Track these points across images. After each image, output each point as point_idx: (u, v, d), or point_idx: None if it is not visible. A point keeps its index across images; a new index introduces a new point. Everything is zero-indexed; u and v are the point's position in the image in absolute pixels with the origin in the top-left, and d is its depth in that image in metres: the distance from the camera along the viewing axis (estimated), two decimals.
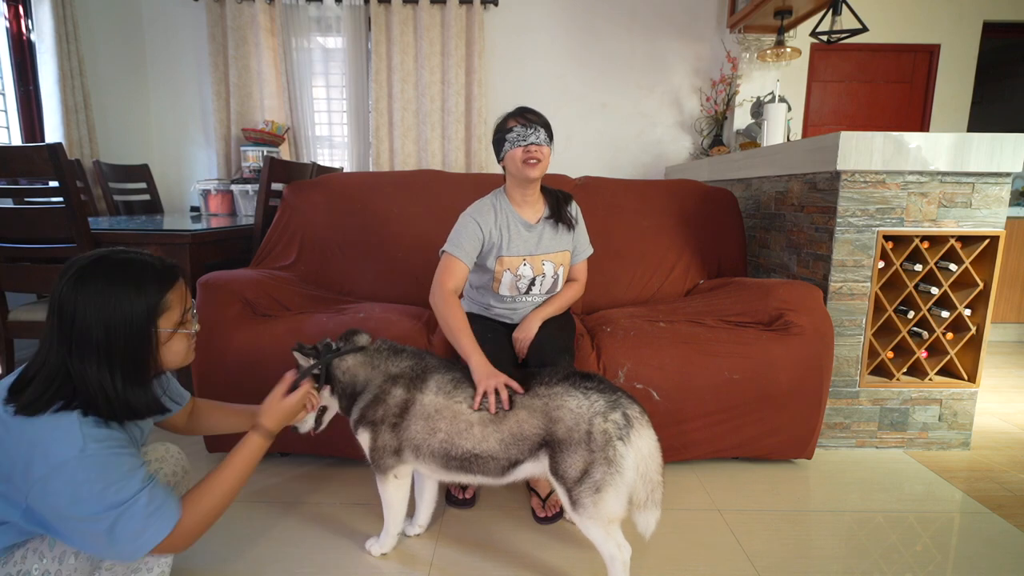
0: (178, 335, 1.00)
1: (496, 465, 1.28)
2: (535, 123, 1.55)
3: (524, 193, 1.64)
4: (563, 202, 1.72)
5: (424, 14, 3.72)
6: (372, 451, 1.35)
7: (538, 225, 1.67)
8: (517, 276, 1.67)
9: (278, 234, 2.38)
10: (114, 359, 0.92)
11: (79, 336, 0.90)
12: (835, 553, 1.47)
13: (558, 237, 1.70)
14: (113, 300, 0.91)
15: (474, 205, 1.66)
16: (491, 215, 1.63)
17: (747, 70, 3.81)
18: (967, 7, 3.93)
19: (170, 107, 3.96)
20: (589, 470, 1.19)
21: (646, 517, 1.22)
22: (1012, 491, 1.79)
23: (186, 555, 1.40)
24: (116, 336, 0.92)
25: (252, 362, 1.72)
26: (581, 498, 1.20)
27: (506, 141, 1.56)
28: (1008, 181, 1.93)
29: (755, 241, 2.59)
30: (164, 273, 0.98)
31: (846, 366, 2.02)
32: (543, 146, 1.55)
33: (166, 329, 0.98)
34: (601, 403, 1.22)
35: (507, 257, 1.64)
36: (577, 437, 1.20)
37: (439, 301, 1.53)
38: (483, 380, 1.31)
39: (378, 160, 3.88)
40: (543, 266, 1.68)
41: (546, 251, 1.68)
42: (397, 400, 1.32)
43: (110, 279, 0.92)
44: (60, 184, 1.87)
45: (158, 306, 0.96)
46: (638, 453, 1.20)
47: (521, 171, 1.55)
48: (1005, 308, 3.60)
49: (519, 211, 1.66)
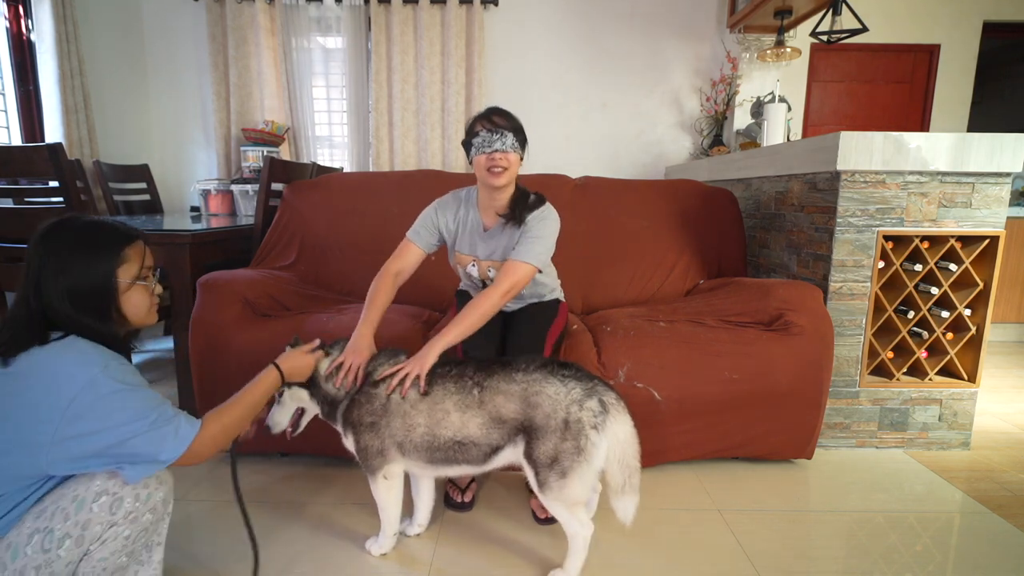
0: (137, 287, 1.10)
1: (478, 452, 1.30)
2: (502, 128, 1.46)
3: (491, 197, 1.57)
4: (524, 203, 1.57)
5: (424, 14, 3.72)
6: (358, 452, 1.37)
7: (491, 231, 1.62)
8: (467, 273, 1.70)
9: (278, 234, 2.38)
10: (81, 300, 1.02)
11: (52, 283, 1.01)
12: (835, 553, 1.47)
13: (505, 245, 1.60)
14: (79, 250, 1.04)
15: (447, 195, 1.68)
16: (454, 207, 1.66)
17: (747, 70, 3.81)
18: (967, 7, 3.93)
19: (170, 107, 3.96)
20: (559, 457, 1.23)
21: (624, 503, 1.26)
22: (1012, 491, 1.79)
23: (186, 555, 1.40)
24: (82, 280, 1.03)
25: (252, 362, 1.70)
26: (548, 481, 1.25)
27: (472, 146, 1.49)
28: (1008, 181, 1.93)
29: (755, 241, 2.59)
30: (125, 232, 1.10)
31: (846, 366, 2.02)
32: (509, 153, 1.46)
33: (125, 280, 1.07)
34: (578, 391, 1.26)
35: (459, 253, 1.68)
36: (554, 425, 1.23)
37: (376, 280, 1.58)
38: (348, 353, 1.40)
39: (378, 160, 3.88)
40: (488, 272, 1.66)
41: (491, 258, 1.64)
42: (372, 398, 1.34)
43: (76, 232, 1.05)
44: (60, 184, 1.87)
45: (117, 256, 1.06)
46: (614, 439, 1.24)
47: (485, 179, 1.50)
48: (1005, 308, 3.60)
49: (481, 213, 1.64)
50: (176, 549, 1.41)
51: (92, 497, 0.97)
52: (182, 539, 1.47)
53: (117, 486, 1.00)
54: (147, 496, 1.02)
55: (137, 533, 1.02)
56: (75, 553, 0.97)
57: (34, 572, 0.94)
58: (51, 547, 0.95)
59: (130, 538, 1.02)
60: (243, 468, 1.81)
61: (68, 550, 0.96)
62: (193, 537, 1.49)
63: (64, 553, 0.96)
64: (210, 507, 1.63)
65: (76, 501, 0.97)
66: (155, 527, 1.08)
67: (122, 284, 1.07)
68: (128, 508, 1.00)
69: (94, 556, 0.99)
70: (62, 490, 0.99)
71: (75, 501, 0.97)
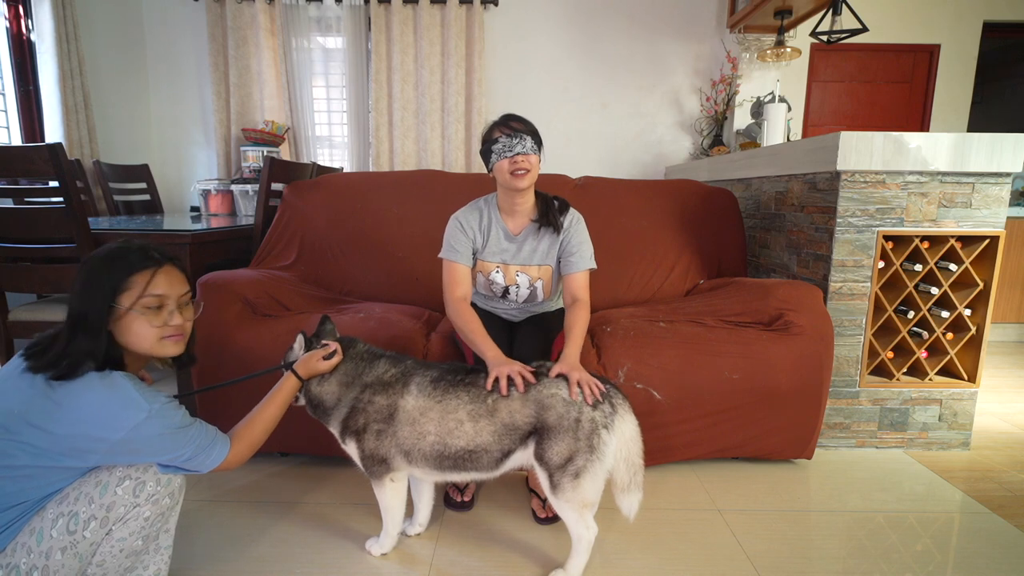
0: (134, 316, 1.06)
1: (489, 458, 1.29)
2: (520, 131, 1.50)
3: (513, 202, 1.60)
4: (553, 207, 1.63)
5: (424, 14, 3.72)
6: (362, 460, 1.35)
7: (520, 236, 1.64)
8: (490, 280, 1.68)
9: (278, 234, 2.38)
10: (76, 321, 1.03)
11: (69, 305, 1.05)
12: (835, 553, 1.47)
13: (540, 250, 1.63)
14: (92, 276, 1.05)
15: (465, 207, 1.68)
16: (476, 217, 1.65)
17: (747, 70, 3.81)
18: (967, 7, 3.93)
19: (170, 107, 3.97)
20: (573, 457, 1.23)
21: (629, 499, 1.29)
22: (1012, 491, 1.79)
23: (185, 555, 1.40)
24: (84, 304, 1.03)
25: (252, 362, 1.72)
26: (561, 482, 1.24)
27: (492, 152, 1.52)
28: (1008, 181, 1.93)
29: (755, 241, 2.59)
30: (140, 257, 1.08)
31: (846, 366, 2.02)
32: (531, 155, 1.50)
33: (123, 306, 1.05)
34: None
35: (482, 261, 1.66)
36: (566, 425, 1.24)
37: (451, 311, 1.56)
38: (495, 368, 1.33)
39: (378, 160, 3.88)
40: (516, 277, 1.66)
41: (523, 263, 1.65)
42: (378, 408, 1.32)
43: (103, 257, 1.06)
44: (60, 184, 1.87)
45: (120, 283, 1.05)
46: (621, 438, 1.26)
47: (510, 182, 1.51)
48: (1005, 308, 3.60)
49: (505, 219, 1.64)
50: (175, 548, 1.40)
51: (116, 481, 1.03)
52: (181, 539, 1.46)
53: (139, 471, 1.05)
54: (167, 480, 1.09)
55: (156, 516, 1.08)
56: (99, 534, 1.02)
57: (60, 553, 0.99)
58: (76, 529, 1.00)
59: (149, 519, 1.07)
60: (243, 468, 1.81)
61: (93, 531, 1.01)
62: (193, 537, 1.49)
63: (89, 534, 1.01)
64: (209, 507, 1.63)
65: (100, 486, 1.02)
66: (170, 511, 1.13)
67: (119, 311, 1.05)
68: (151, 491, 1.06)
69: (114, 535, 1.03)
70: (83, 477, 1.04)
71: (98, 486, 1.02)
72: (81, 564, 1.02)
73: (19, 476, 0.98)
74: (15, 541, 0.98)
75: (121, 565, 1.07)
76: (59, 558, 0.99)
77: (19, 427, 0.98)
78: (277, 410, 1.28)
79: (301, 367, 1.34)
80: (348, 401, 1.35)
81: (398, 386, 1.33)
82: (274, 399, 1.28)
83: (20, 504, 0.99)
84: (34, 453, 0.98)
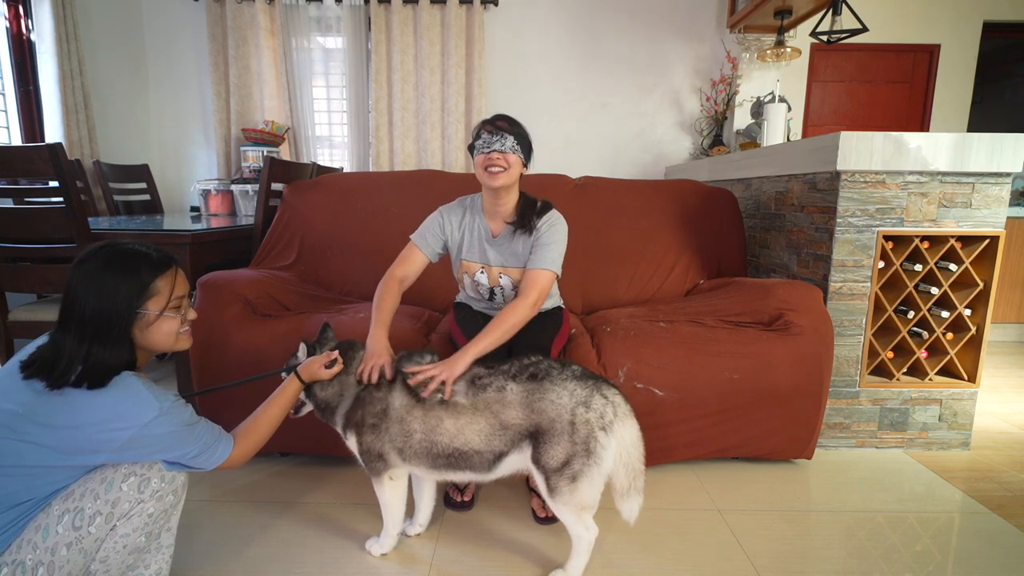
0: (166, 318, 1.11)
1: (481, 459, 1.29)
2: (503, 130, 1.48)
3: (494, 203, 1.58)
4: (532, 209, 1.59)
5: (424, 14, 3.72)
6: (361, 455, 1.36)
7: (499, 238, 1.62)
8: (475, 282, 1.68)
9: (278, 234, 2.38)
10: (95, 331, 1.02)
11: (76, 314, 1.02)
12: (835, 553, 1.47)
13: (516, 252, 1.61)
14: (108, 285, 1.03)
15: (453, 202, 1.68)
16: (459, 214, 1.65)
17: (747, 70, 3.81)
18: (967, 7, 3.93)
19: (170, 107, 3.97)
20: (569, 460, 1.22)
21: (629, 504, 1.27)
22: (1012, 491, 1.79)
23: (186, 554, 1.40)
24: (104, 313, 1.02)
25: (252, 362, 1.72)
26: (559, 486, 1.24)
27: (474, 148, 1.52)
28: (1008, 181, 1.93)
29: (755, 241, 2.59)
30: (157, 261, 1.10)
31: (846, 366, 2.02)
32: (508, 154, 1.48)
33: (153, 311, 1.08)
34: (582, 392, 1.25)
35: (466, 261, 1.66)
36: (560, 427, 1.23)
37: (380, 284, 1.57)
38: (368, 356, 1.38)
39: (378, 160, 3.88)
40: (499, 279, 1.65)
41: (503, 265, 1.64)
42: (374, 401, 1.34)
43: (107, 263, 1.04)
44: (60, 184, 1.87)
45: (146, 290, 1.07)
46: (620, 442, 1.24)
47: (483, 179, 1.51)
48: (1005, 308, 3.60)
49: (487, 220, 1.64)
50: (175, 547, 1.40)
51: (121, 478, 1.04)
52: (182, 538, 1.46)
53: (144, 468, 1.07)
54: (172, 477, 1.10)
55: (159, 512, 1.09)
56: (104, 530, 1.03)
57: (65, 549, 1.00)
58: (82, 524, 1.01)
59: (153, 516, 1.08)
60: (244, 467, 1.81)
61: (98, 527, 1.02)
62: (193, 536, 1.49)
63: (94, 530, 1.02)
64: (210, 507, 1.63)
65: (105, 483, 1.03)
66: (173, 508, 1.14)
67: (151, 317, 1.08)
68: (155, 487, 1.07)
69: (118, 531, 1.04)
70: (88, 475, 1.05)
71: (104, 483, 1.03)
72: (86, 560, 1.02)
73: (26, 474, 0.99)
74: (21, 538, 0.99)
75: (124, 562, 1.07)
76: (64, 554, 0.99)
77: (25, 427, 0.98)
78: (280, 411, 1.31)
79: (303, 371, 1.36)
80: (351, 394, 1.37)
81: (391, 382, 1.35)
82: (277, 400, 1.31)
83: (26, 502, 1.00)
84: (41, 452, 0.98)
